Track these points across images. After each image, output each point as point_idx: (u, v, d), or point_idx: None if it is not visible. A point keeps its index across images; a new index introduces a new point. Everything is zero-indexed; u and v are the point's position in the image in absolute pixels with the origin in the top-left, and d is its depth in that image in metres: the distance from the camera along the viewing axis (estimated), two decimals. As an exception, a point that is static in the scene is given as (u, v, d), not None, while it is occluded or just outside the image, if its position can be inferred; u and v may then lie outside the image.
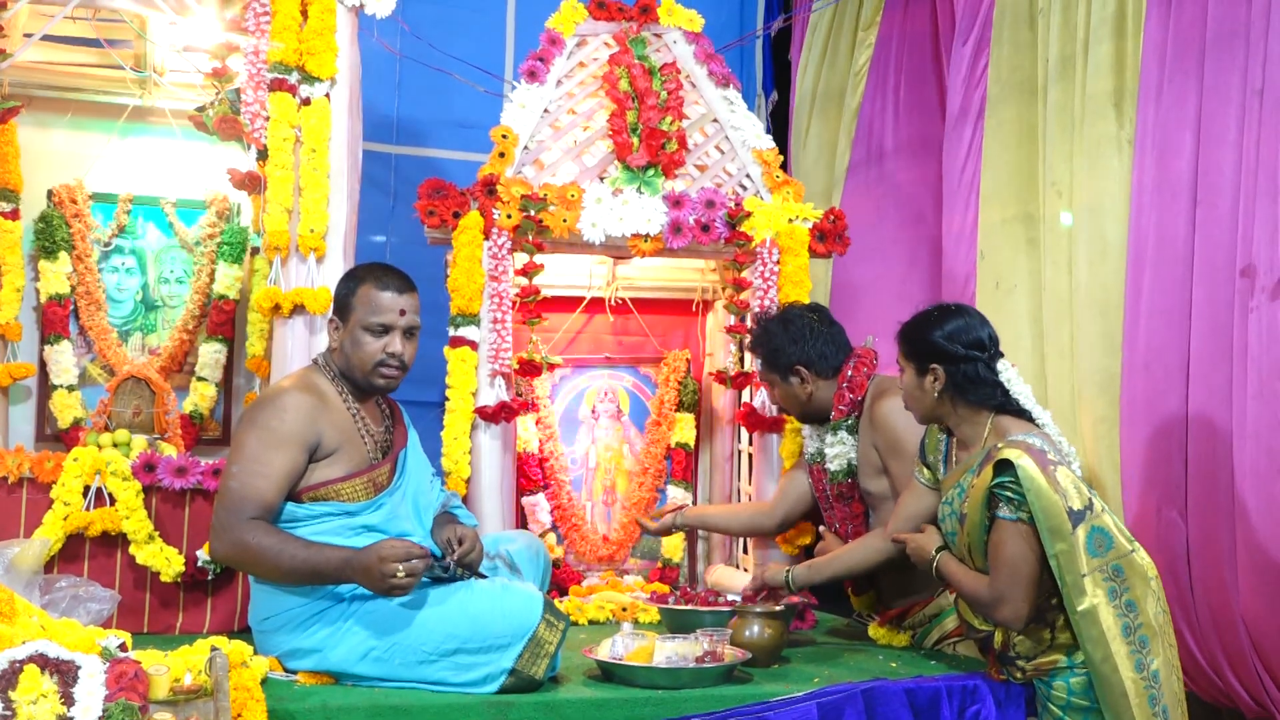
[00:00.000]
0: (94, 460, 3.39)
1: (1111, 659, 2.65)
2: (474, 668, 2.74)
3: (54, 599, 3.10)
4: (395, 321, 2.99)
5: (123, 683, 2.26)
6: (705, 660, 2.86)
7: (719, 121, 4.17)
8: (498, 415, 3.76)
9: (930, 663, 3.21)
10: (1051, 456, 2.74)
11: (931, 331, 2.94)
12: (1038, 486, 2.66)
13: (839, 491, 3.58)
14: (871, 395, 3.52)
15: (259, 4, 3.60)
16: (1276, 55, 3.28)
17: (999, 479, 2.72)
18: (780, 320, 3.65)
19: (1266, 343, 3.22)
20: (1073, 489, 2.70)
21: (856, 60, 5.38)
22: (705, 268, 4.51)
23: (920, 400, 3.00)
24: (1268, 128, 3.27)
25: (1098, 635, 2.66)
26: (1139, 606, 2.69)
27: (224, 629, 3.44)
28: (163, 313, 4.55)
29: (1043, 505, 2.66)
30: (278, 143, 3.59)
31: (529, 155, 3.96)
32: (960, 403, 2.93)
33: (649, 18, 4.26)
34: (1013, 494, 2.69)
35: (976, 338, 2.91)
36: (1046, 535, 2.66)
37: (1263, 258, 3.25)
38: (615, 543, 4.42)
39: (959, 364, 2.89)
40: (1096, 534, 2.69)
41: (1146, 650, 2.68)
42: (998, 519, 2.73)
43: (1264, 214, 3.26)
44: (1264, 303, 3.23)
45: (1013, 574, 2.71)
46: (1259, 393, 3.23)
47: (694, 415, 4.52)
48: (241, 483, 2.80)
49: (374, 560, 2.66)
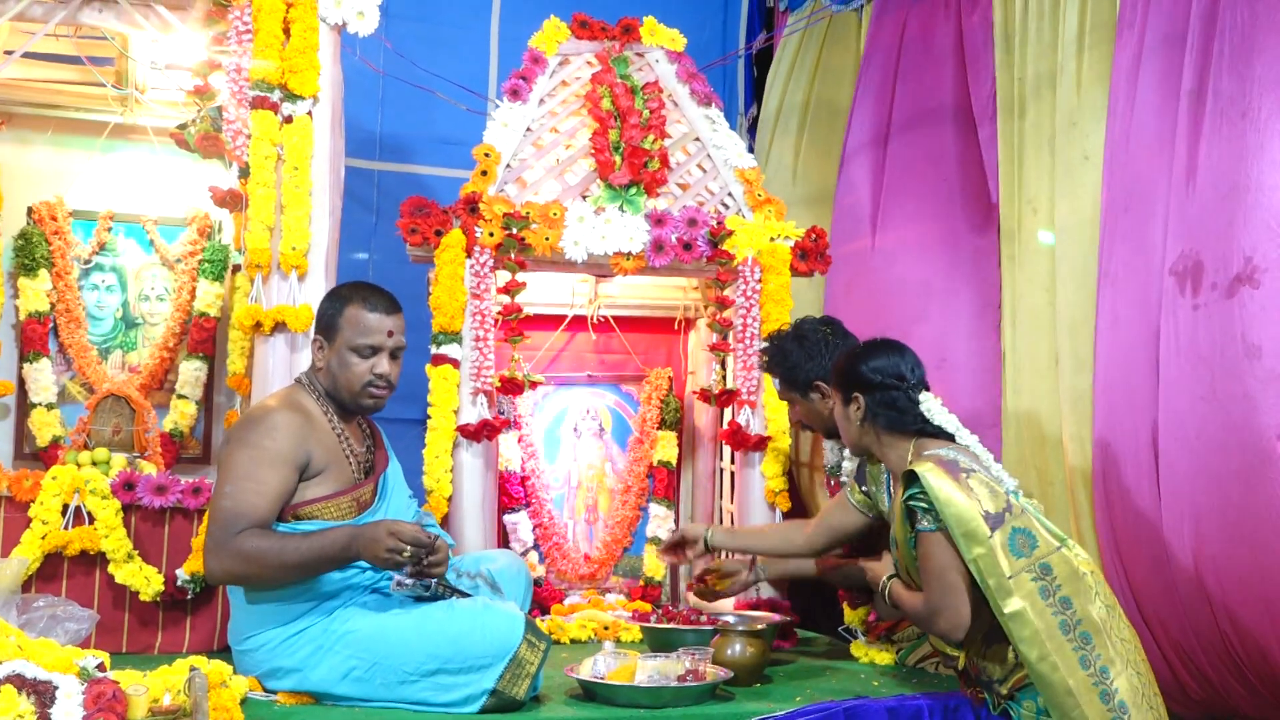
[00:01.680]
0: (73, 479, 3.38)
1: (1050, 658, 2.63)
2: (455, 688, 2.74)
3: (31, 618, 3.07)
4: (383, 343, 2.99)
5: (101, 703, 2.25)
6: (687, 679, 2.86)
7: (701, 140, 4.18)
8: (480, 433, 3.76)
9: (912, 681, 3.22)
10: (964, 464, 2.78)
11: (858, 364, 3.04)
12: (944, 495, 2.69)
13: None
14: None
15: (241, 22, 3.60)
16: (1224, 57, 3.32)
17: (908, 491, 2.77)
18: (795, 338, 3.66)
19: (1220, 342, 3.25)
20: (986, 493, 2.72)
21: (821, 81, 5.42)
22: (687, 286, 4.52)
23: (847, 430, 3.09)
24: (1215, 130, 3.32)
25: (1029, 635, 2.65)
26: (1075, 603, 2.68)
27: (203, 649, 3.43)
28: (143, 330, 4.53)
29: (953, 512, 2.68)
30: (259, 160, 3.58)
31: (511, 173, 3.97)
32: (882, 430, 3.00)
33: (631, 37, 4.28)
34: (925, 504, 2.73)
35: (897, 371, 3.00)
36: (961, 541, 2.68)
37: (1210, 256, 3.29)
38: (597, 561, 4.41)
39: (876, 392, 2.98)
40: (1019, 535, 2.70)
41: (1090, 646, 2.66)
42: (919, 532, 2.76)
43: (1213, 211, 3.30)
44: (1215, 299, 3.26)
45: (941, 583, 2.72)
46: (1210, 393, 3.26)
47: (676, 433, 4.52)
48: (235, 500, 2.77)
49: (383, 533, 2.71)
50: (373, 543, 2.72)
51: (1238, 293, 3.21)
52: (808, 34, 5.52)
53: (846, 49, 5.38)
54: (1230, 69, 3.31)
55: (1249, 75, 3.26)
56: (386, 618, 2.80)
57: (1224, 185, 3.29)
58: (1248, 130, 3.25)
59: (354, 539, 2.74)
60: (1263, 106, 3.23)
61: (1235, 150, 3.27)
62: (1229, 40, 3.33)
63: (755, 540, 3.69)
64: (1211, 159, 3.33)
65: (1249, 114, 3.25)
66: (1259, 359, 3.15)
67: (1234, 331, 3.21)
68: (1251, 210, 3.22)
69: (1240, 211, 3.24)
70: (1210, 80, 3.36)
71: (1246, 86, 3.26)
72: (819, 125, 5.43)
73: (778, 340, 3.72)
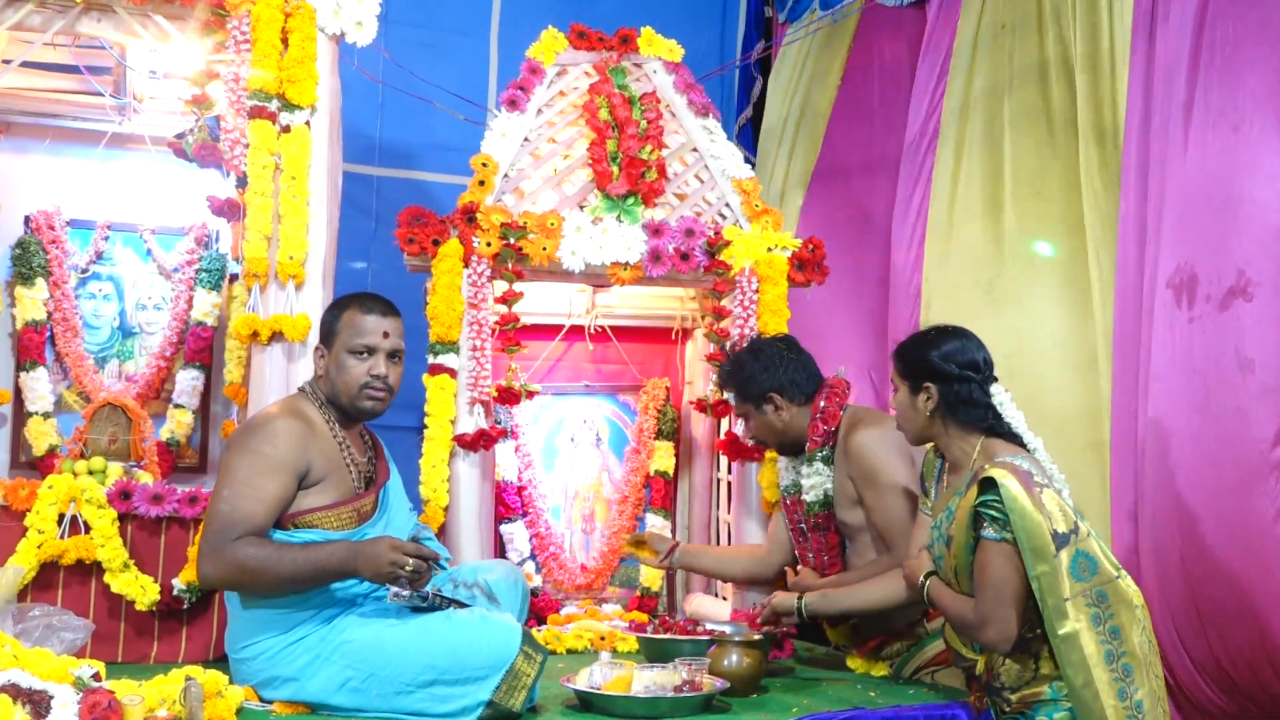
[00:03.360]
0: (69, 488, 3.37)
1: (1093, 685, 2.63)
2: (451, 699, 2.73)
3: (27, 628, 3.07)
4: (378, 344, 3.00)
5: (96, 713, 2.24)
6: (683, 689, 2.85)
7: (698, 151, 4.19)
8: (476, 443, 3.75)
9: (909, 691, 3.21)
10: (1038, 479, 2.74)
11: (928, 351, 2.95)
12: (1020, 506, 2.66)
13: (815, 523, 3.58)
14: (845, 426, 3.52)
15: (240, 32, 3.60)
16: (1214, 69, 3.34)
17: (983, 497, 2.71)
18: (750, 351, 3.67)
19: (1215, 354, 3.25)
20: (1058, 512, 2.69)
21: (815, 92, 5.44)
22: (684, 296, 4.52)
23: (913, 420, 3.01)
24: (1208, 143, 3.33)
25: (1079, 660, 2.64)
26: (1123, 634, 2.67)
27: (199, 658, 3.42)
28: (140, 339, 4.53)
29: (1025, 526, 2.65)
30: (257, 170, 3.58)
31: (509, 183, 3.97)
32: (951, 423, 2.93)
33: (629, 47, 4.29)
34: (996, 513, 2.68)
35: (972, 359, 2.93)
36: (1029, 556, 2.65)
37: (1204, 268, 3.29)
38: (594, 571, 4.41)
39: (952, 384, 2.91)
40: (1081, 558, 2.68)
41: (1130, 679, 2.66)
42: (982, 539, 2.72)
43: (1207, 224, 3.31)
44: (1209, 312, 3.26)
45: (997, 595, 2.69)
46: (1205, 406, 3.26)
47: (673, 443, 4.52)
48: (233, 506, 2.77)
49: (385, 549, 2.73)
50: (374, 559, 2.73)
51: (1231, 306, 3.22)
52: (806, 43, 5.54)
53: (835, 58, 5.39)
54: (1221, 82, 3.32)
55: (1240, 88, 3.26)
56: (384, 628, 2.79)
57: (1217, 198, 3.29)
58: (1240, 144, 3.25)
59: (355, 555, 2.74)
60: (1254, 120, 3.24)
61: (1228, 164, 3.27)
62: (1220, 54, 3.33)
63: (719, 565, 3.95)
64: (1205, 172, 3.33)
65: (1241, 128, 3.26)
66: (1252, 372, 3.16)
67: (1227, 345, 3.22)
68: (1245, 224, 3.22)
69: (1234, 225, 3.24)
70: (1200, 93, 3.37)
71: (1238, 99, 3.27)
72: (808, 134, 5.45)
73: (732, 354, 3.74)
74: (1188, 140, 3.39)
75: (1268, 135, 3.21)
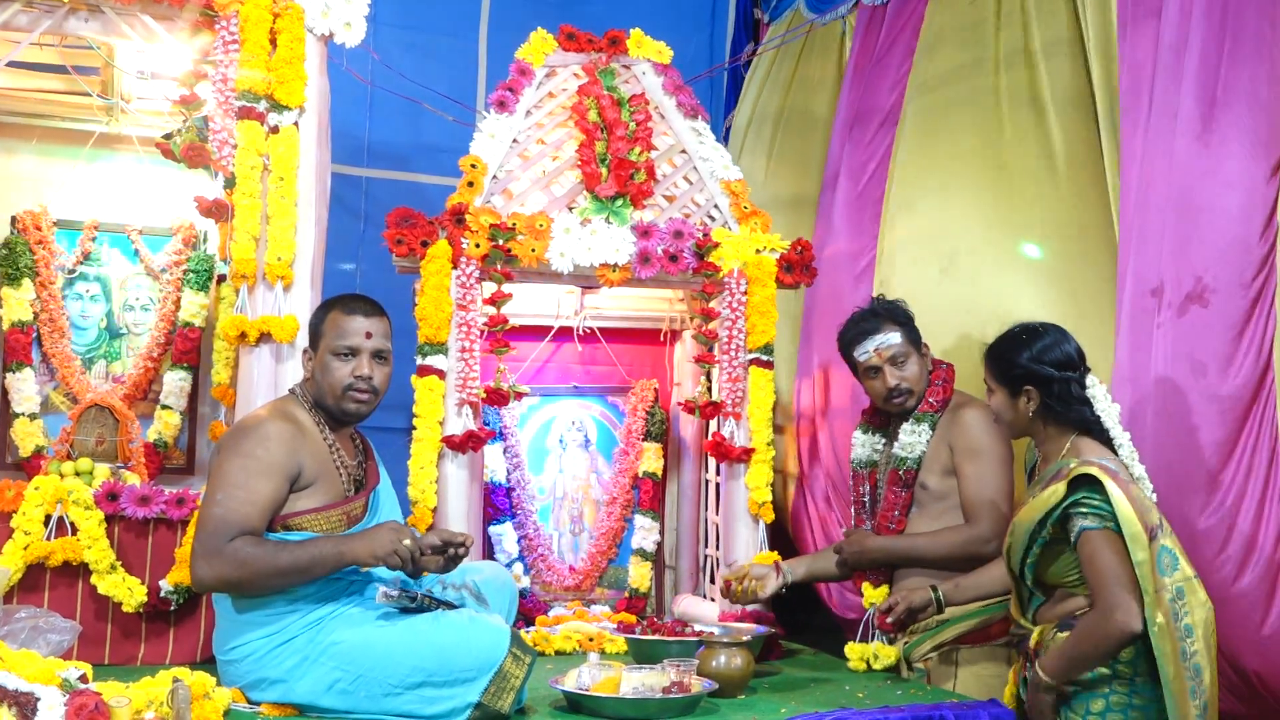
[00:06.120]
0: (56, 489, 3.36)
1: (1181, 679, 2.67)
2: (439, 701, 2.73)
3: (13, 630, 3.05)
4: (361, 344, 3.00)
5: (83, 715, 2.23)
6: (672, 691, 2.86)
7: (687, 152, 4.19)
8: (465, 444, 3.75)
9: (897, 693, 3.22)
10: (1124, 476, 2.81)
11: (1020, 354, 2.99)
12: (1117, 496, 2.72)
13: (898, 477, 3.64)
14: (955, 401, 3.65)
15: (228, 32, 3.60)
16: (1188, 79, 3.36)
17: (1076, 494, 2.77)
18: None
19: (1173, 360, 3.28)
20: (1144, 508, 2.76)
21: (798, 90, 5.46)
22: (673, 297, 4.52)
23: (1014, 421, 3.07)
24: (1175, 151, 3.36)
25: (1169, 651, 2.67)
26: (1195, 633, 2.72)
27: (187, 660, 3.41)
28: (127, 340, 4.52)
29: (1124, 515, 2.71)
30: (245, 171, 3.58)
31: (498, 185, 3.97)
32: (1050, 421, 2.99)
33: (618, 49, 4.30)
34: (1089, 508, 2.74)
35: (1065, 355, 2.97)
36: (1130, 542, 2.70)
37: (1170, 275, 3.32)
38: (582, 572, 4.41)
39: (1052, 384, 2.95)
40: (1165, 553, 2.74)
41: (1200, 680, 2.70)
42: (1085, 531, 2.75)
43: (1170, 231, 3.34)
44: (1171, 319, 3.30)
45: (1117, 579, 2.70)
46: (1163, 410, 3.29)
47: (662, 445, 4.52)
48: (226, 509, 2.78)
49: (387, 530, 2.80)
50: (374, 541, 2.78)
51: (1188, 311, 3.26)
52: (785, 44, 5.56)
53: (828, 58, 5.39)
54: (1194, 93, 3.35)
55: (1210, 99, 3.30)
56: (372, 629, 2.79)
57: (1182, 205, 3.33)
58: (1204, 151, 3.30)
59: (353, 542, 2.79)
60: (1218, 129, 3.28)
61: (1194, 171, 3.31)
62: (1198, 64, 3.36)
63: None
64: (1171, 180, 3.37)
65: (1203, 136, 3.31)
66: (1204, 377, 3.21)
67: (1184, 350, 3.26)
68: (1205, 231, 3.27)
69: (1194, 232, 3.29)
70: (1180, 103, 3.40)
71: (1205, 109, 3.31)
72: (791, 135, 5.44)
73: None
74: (1149, 142, 3.43)
75: (1230, 144, 3.25)
